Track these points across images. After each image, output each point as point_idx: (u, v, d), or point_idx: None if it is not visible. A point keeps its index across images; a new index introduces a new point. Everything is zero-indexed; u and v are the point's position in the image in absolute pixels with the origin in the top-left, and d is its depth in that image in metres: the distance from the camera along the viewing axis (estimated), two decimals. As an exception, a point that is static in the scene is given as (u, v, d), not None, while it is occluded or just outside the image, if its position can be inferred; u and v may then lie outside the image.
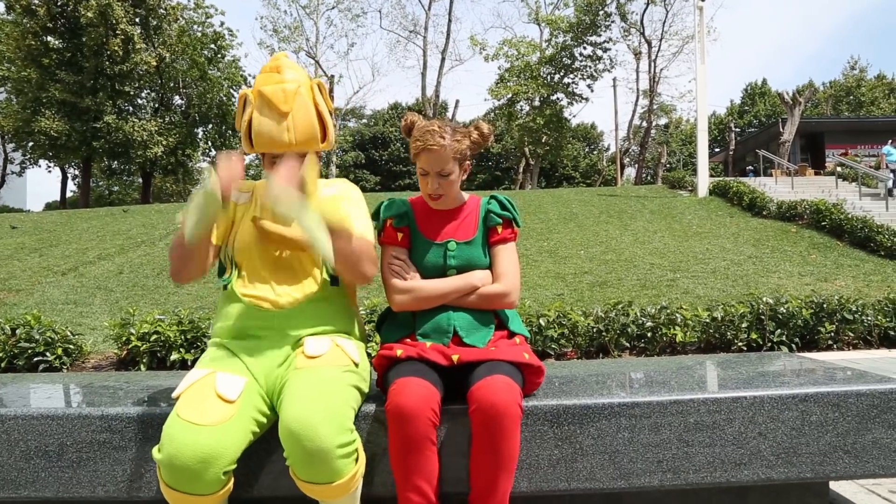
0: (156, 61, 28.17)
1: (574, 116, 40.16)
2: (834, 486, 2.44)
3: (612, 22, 32.29)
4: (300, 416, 1.57)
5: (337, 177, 38.01)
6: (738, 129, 40.24)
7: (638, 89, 34.89)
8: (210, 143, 33.63)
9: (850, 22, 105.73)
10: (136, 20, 27.88)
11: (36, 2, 26.05)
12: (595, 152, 53.74)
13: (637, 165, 35.83)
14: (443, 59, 35.29)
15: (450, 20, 35.26)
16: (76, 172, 37.41)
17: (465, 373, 1.85)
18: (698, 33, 17.64)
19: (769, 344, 5.58)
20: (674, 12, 38.41)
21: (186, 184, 42.01)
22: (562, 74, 33.32)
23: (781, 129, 25.38)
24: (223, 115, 31.83)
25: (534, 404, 1.87)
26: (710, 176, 18.79)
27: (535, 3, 35.08)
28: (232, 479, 1.65)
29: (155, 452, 1.60)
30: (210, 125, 32.71)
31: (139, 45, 27.15)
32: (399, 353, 1.86)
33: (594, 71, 33.04)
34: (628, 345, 5.51)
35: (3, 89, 29.32)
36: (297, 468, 1.59)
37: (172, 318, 5.29)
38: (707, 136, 17.62)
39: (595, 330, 5.45)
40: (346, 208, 1.96)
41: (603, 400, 1.88)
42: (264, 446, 1.80)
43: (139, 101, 30.82)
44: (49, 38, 26.95)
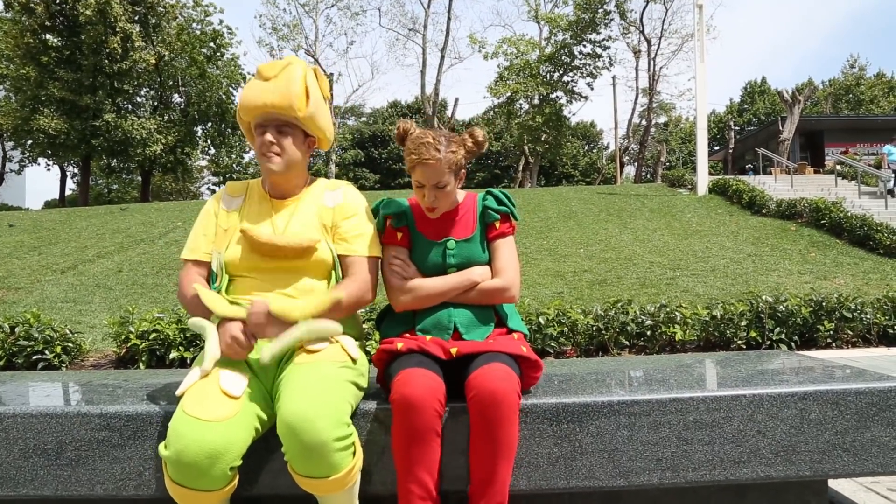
0: (155, 59, 28.15)
1: (573, 115, 40.07)
2: (833, 483, 2.44)
3: (612, 20, 32.28)
4: (298, 410, 1.58)
5: (336, 175, 38.03)
6: (737, 128, 40.24)
7: (637, 87, 34.90)
8: (209, 141, 33.62)
9: (849, 20, 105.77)
10: (135, 18, 27.84)
11: None
12: (594, 151, 53.75)
13: (636, 164, 35.84)
14: (442, 58, 35.28)
15: (449, 18, 35.23)
16: (75, 171, 37.46)
17: (463, 367, 1.85)
18: (698, 31, 17.64)
19: (768, 342, 5.58)
20: (673, 10, 38.46)
21: (185, 182, 42.02)
22: (561, 73, 33.30)
23: (781, 128, 25.39)
24: (222, 113, 31.81)
25: (533, 402, 1.87)
26: (710, 174, 18.80)
27: (535, 1, 35.06)
28: (237, 476, 1.66)
29: (161, 449, 1.60)
30: (209, 123, 32.70)
31: (138, 43, 27.13)
32: (399, 346, 1.87)
33: (593, 69, 33.04)
34: (628, 343, 5.51)
35: (1, 87, 29.31)
36: (295, 462, 1.60)
37: (171, 316, 5.29)
38: (706, 134, 17.62)
39: (594, 328, 5.45)
40: (349, 227, 1.99)
41: (602, 398, 1.88)
42: (264, 444, 1.80)
43: (138, 100, 30.80)
44: (48, 36, 26.92)
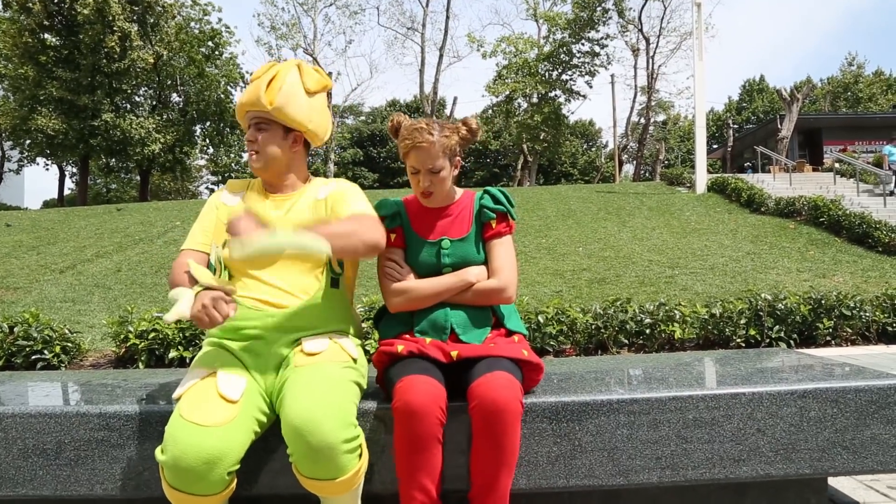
0: (153, 58, 28.11)
1: (572, 113, 40.10)
2: (832, 481, 2.44)
3: (610, 18, 32.27)
4: (304, 413, 1.56)
5: (335, 174, 38.00)
6: (736, 126, 40.25)
7: (636, 86, 34.90)
8: (208, 140, 33.59)
9: (847, 18, 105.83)
10: (133, 17, 27.79)
11: (32, -1, 25.99)
12: (593, 149, 53.75)
13: (635, 162, 35.83)
14: (441, 56, 35.26)
15: (447, 17, 35.23)
16: (74, 170, 37.40)
17: (462, 370, 1.85)
18: (696, 30, 17.63)
19: (767, 340, 5.58)
20: (672, 8, 38.43)
21: (184, 181, 41.99)
22: (560, 71, 33.31)
23: (779, 126, 25.40)
24: (221, 112, 31.77)
25: (532, 401, 1.87)
26: (709, 172, 18.81)
27: (533, -1, 35.05)
28: (235, 479, 1.65)
29: (158, 454, 1.59)
30: (208, 122, 32.66)
31: (136, 42, 27.08)
32: (400, 348, 1.86)
33: (592, 67, 33.04)
34: (627, 341, 5.51)
35: (0, 87, 29.27)
36: (301, 464, 1.58)
37: (171, 315, 5.27)
38: (705, 132, 17.62)
39: (594, 327, 5.45)
40: (342, 201, 1.97)
41: (602, 397, 1.88)
42: (263, 444, 1.80)
43: (137, 99, 30.76)
44: (46, 36, 26.88)
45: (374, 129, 49.66)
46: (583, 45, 32.54)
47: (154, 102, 31.18)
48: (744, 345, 5.54)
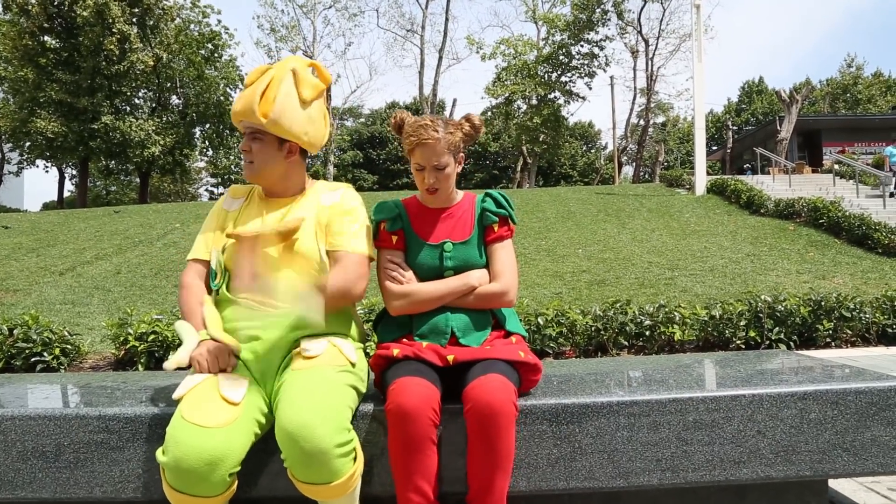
0: (153, 61, 28.12)
1: (571, 115, 40.00)
2: (833, 483, 2.44)
3: (609, 20, 32.31)
4: (297, 418, 1.56)
5: (335, 176, 37.98)
6: (735, 128, 40.26)
7: (635, 88, 34.95)
8: (207, 142, 33.60)
9: (847, 19, 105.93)
10: (133, 20, 27.81)
11: (32, 1, 25.97)
12: (592, 151, 53.76)
13: (634, 164, 35.85)
14: (440, 58, 35.33)
15: (447, 19, 35.34)
16: (74, 172, 37.39)
17: (460, 373, 1.84)
18: (695, 31, 17.65)
19: (767, 342, 5.58)
20: (671, 10, 38.51)
21: (184, 183, 42.00)
22: (559, 73, 33.33)
23: (779, 127, 25.42)
24: (220, 114, 31.77)
25: (532, 403, 1.86)
26: (708, 174, 18.80)
27: (533, 1, 35.08)
28: (236, 481, 1.65)
29: (159, 455, 1.59)
30: (207, 125, 32.67)
31: (136, 44, 27.09)
32: (396, 352, 1.86)
33: (591, 69, 33.06)
34: (627, 343, 5.51)
35: (0, 89, 29.27)
36: (295, 469, 1.59)
37: (170, 317, 5.28)
38: (704, 134, 17.62)
39: (593, 328, 5.45)
40: (339, 223, 1.96)
41: (601, 399, 1.88)
42: (262, 446, 1.79)
43: (136, 101, 30.76)
44: (45, 38, 26.89)
45: (374, 132, 49.67)
46: (582, 46, 32.59)
47: (154, 105, 31.19)
48: (743, 346, 5.54)
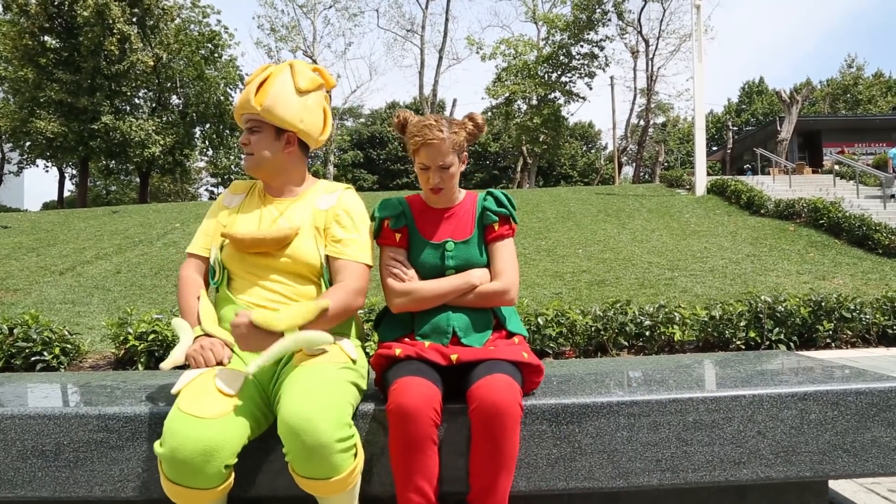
0: (153, 61, 28.13)
1: (572, 115, 40.03)
2: (833, 484, 2.44)
3: (609, 20, 32.31)
4: (299, 412, 1.57)
5: (335, 176, 37.97)
6: (735, 128, 40.26)
7: (635, 88, 34.96)
8: (207, 142, 33.60)
9: (847, 20, 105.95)
10: (133, 20, 27.82)
11: (32, 1, 25.97)
12: (593, 151, 53.76)
13: (635, 164, 35.85)
14: (440, 58, 35.35)
15: (447, 19, 35.38)
16: (74, 172, 37.38)
17: (463, 372, 1.84)
18: (696, 31, 17.65)
19: (767, 342, 5.58)
20: (671, 10, 38.51)
21: (184, 183, 42.00)
22: (559, 73, 33.33)
23: (779, 128, 25.41)
24: (220, 114, 31.79)
25: (532, 403, 1.86)
26: (708, 174, 18.80)
27: (533, 1, 35.08)
28: (232, 474, 1.65)
29: (157, 447, 1.60)
30: (207, 125, 32.68)
31: (136, 44, 27.09)
32: (398, 352, 1.86)
33: (591, 69, 33.06)
34: (626, 343, 5.51)
35: (0, 89, 29.27)
36: (296, 464, 1.59)
37: (170, 317, 5.28)
38: (705, 134, 17.62)
39: (593, 329, 5.45)
40: (339, 227, 1.97)
41: (601, 399, 1.88)
42: (262, 445, 1.79)
43: (136, 101, 30.77)
44: (46, 38, 26.90)
45: (374, 131, 49.67)
46: (582, 46, 32.59)
47: (154, 104, 31.19)
48: (743, 347, 5.54)
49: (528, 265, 9.61)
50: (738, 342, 5.52)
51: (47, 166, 33.08)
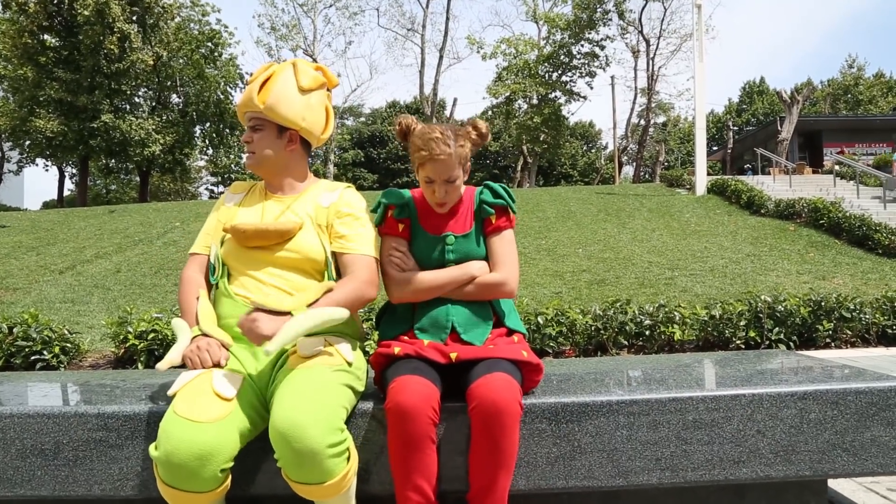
0: (153, 59, 28.12)
1: (572, 115, 40.03)
2: (832, 483, 2.44)
3: (610, 20, 32.29)
4: (289, 418, 1.56)
5: (335, 175, 37.96)
6: (736, 128, 40.26)
7: (636, 87, 34.92)
8: (207, 141, 33.59)
9: (848, 20, 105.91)
10: (133, 18, 27.80)
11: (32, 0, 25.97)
12: (593, 150, 53.76)
13: (635, 164, 35.84)
14: (441, 58, 35.28)
15: (448, 18, 35.28)
16: (73, 171, 37.38)
17: (462, 371, 1.84)
18: (697, 31, 17.64)
19: (767, 342, 5.58)
20: (672, 10, 38.46)
21: (184, 182, 41.99)
22: (560, 73, 33.32)
23: (779, 128, 25.42)
24: (220, 113, 31.77)
25: (532, 402, 1.86)
26: (708, 174, 18.80)
27: (533, 0, 35.06)
28: (229, 477, 1.65)
29: (152, 450, 1.59)
30: (207, 123, 32.66)
31: (136, 43, 27.08)
32: (397, 350, 1.86)
33: (591, 68, 33.04)
34: (626, 343, 5.51)
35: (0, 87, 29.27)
36: (288, 469, 1.58)
37: (170, 316, 5.28)
38: (705, 134, 17.62)
39: (593, 328, 5.45)
40: (344, 224, 1.97)
41: (601, 398, 1.87)
42: (261, 444, 1.79)
43: (136, 100, 30.76)
44: (45, 37, 26.88)
45: (374, 131, 49.67)
46: (582, 46, 32.55)
47: (154, 103, 31.18)
48: (743, 346, 5.54)
49: (529, 264, 9.61)
50: (738, 342, 5.53)
51: (47, 165, 33.09)
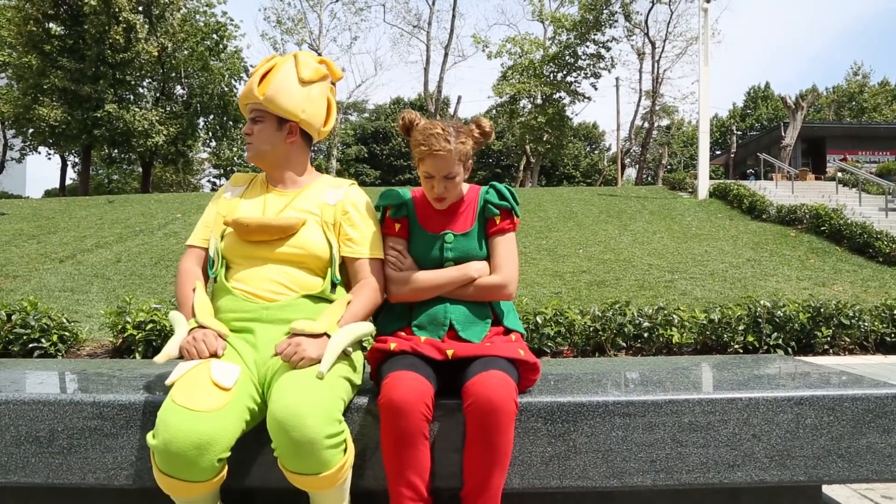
0: (157, 50, 28.08)
1: (576, 115, 40.12)
2: (827, 489, 2.44)
3: (616, 21, 32.24)
4: (288, 407, 1.56)
5: (338, 171, 37.91)
6: (739, 132, 40.22)
7: (640, 90, 34.86)
8: (211, 133, 33.57)
9: (854, 26, 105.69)
10: (139, 9, 27.77)
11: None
12: (596, 152, 53.71)
13: (638, 166, 35.82)
14: (446, 55, 35.25)
15: (454, 16, 35.25)
16: (76, 160, 37.35)
17: (459, 368, 1.84)
18: (702, 35, 17.62)
19: (765, 347, 5.58)
20: (678, 13, 38.30)
21: (186, 174, 41.97)
22: (565, 73, 33.28)
23: (783, 133, 25.37)
24: (224, 105, 31.73)
25: (528, 401, 1.86)
26: (711, 178, 18.78)
27: (540, 0, 35.01)
28: (226, 467, 1.65)
29: (149, 438, 1.59)
30: (211, 116, 32.62)
31: (141, 34, 27.05)
32: (393, 346, 1.86)
33: (596, 70, 33.01)
34: (624, 344, 5.50)
35: (3, 75, 29.21)
36: (285, 459, 1.58)
37: (168, 306, 5.28)
38: (708, 138, 17.61)
39: (592, 329, 5.45)
40: (351, 225, 1.99)
41: (597, 398, 1.87)
42: (255, 437, 1.79)
43: (140, 91, 30.72)
44: (51, 25, 26.85)
45: (378, 127, 49.62)
46: (588, 46, 32.51)
47: (158, 94, 31.14)
48: (741, 351, 5.54)
49: (529, 264, 9.61)
50: (737, 346, 5.52)
51: (49, 154, 33.05)
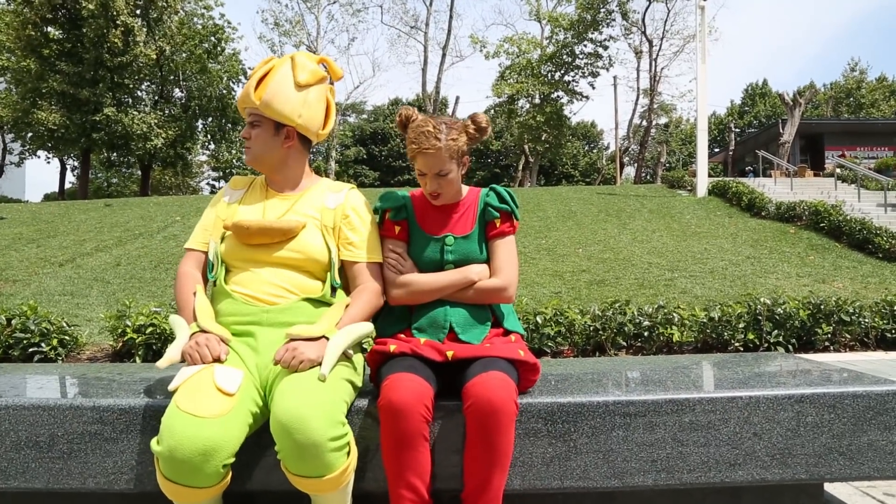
0: (156, 54, 28.07)
1: (574, 114, 40.06)
2: (828, 487, 2.43)
3: (613, 20, 32.23)
4: (291, 410, 1.56)
5: (336, 173, 37.89)
6: (737, 130, 40.23)
7: (638, 88, 34.84)
8: (209, 136, 33.57)
9: (852, 23, 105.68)
10: (137, 12, 27.77)
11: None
12: (595, 151, 53.71)
13: (636, 164, 35.81)
14: (443, 56, 35.25)
15: (451, 16, 35.23)
16: (75, 164, 37.34)
17: (459, 369, 1.84)
18: (699, 33, 17.62)
19: (766, 344, 5.57)
20: (675, 11, 38.22)
21: (185, 176, 41.98)
22: (562, 72, 33.27)
23: (781, 130, 25.37)
24: (223, 108, 31.73)
25: (528, 401, 1.86)
26: (710, 176, 18.79)
27: (537, 0, 35.00)
28: (230, 473, 1.65)
29: (154, 445, 1.58)
30: (210, 118, 32.62)
31: (139, 37, 27.05)
32: (392, 348, 1.85)
33: (594, 68, 33.00)
34: (625, 344, 5.50)
35: (2, 79, 29.21)
36: (289, 462, 1.58)
37: (169, 310, 5.28)
38: (707, 135, 17.61)
39: (592, 328, 5.44)
40: (350, 228, 2.00)
41: (598, 398, 1.87)
42: (256, 440, 1.79)
43: (139, 94, 30.71)
44: (49, 29, 26.83)
45: (377, 128, 49.61)
46: (585, 46, 32.50)
47: (156, 98, 31.13)
48: (742, 349, 5.53)
49: (528, 264, 9.61)
50: (737, 344, 5.52)
51: (48, 157, 33.03)
